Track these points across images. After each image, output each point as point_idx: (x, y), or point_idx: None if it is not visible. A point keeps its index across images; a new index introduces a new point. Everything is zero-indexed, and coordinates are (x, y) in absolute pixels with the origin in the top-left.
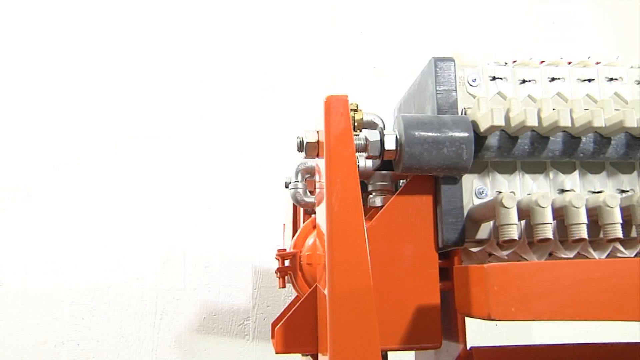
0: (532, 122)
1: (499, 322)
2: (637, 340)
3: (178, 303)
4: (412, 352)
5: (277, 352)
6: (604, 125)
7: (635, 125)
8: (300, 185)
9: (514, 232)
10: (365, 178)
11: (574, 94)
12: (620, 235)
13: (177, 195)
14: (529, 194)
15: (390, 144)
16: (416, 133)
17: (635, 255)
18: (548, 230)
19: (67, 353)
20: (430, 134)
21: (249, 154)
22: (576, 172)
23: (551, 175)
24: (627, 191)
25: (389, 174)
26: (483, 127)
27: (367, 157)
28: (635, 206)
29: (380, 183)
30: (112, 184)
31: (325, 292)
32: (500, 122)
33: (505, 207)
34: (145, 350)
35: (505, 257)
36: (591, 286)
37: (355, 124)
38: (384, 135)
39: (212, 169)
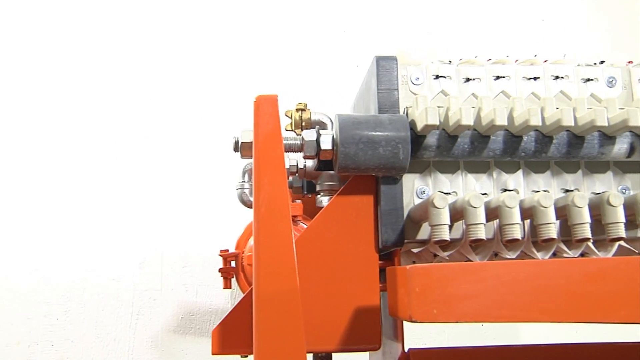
0: (468, 121)
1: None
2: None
3: (155, 303)
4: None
5: (213, 354)
6: (541, 124)
7: (573, 124)
8: (246, 185)
9: (445, 233)
10: (313, 178)
11: (519, 92)
12: (554, 235)
13: (155, 195)
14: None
15: (326, 144)
16: (351, 132)
17: (580, 256)
18: (481, 231)
19: (41, 353)
20: (365, 133)
21: (228, 154)
22: (520, 172)
23: (494, 174)
24: (572, 190)
25: (337, 173)
26: (419, 126)
27: (304, 157)
28: (571, 206)
29: (327, 183)
30: (88, 184)
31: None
32: (435, 121)
33: (437, 208)
34: (121, 351)
35: (447, 258)
36: (517, 287)
37: (303, 123)
38: (320, 135)
39: (190, 168)
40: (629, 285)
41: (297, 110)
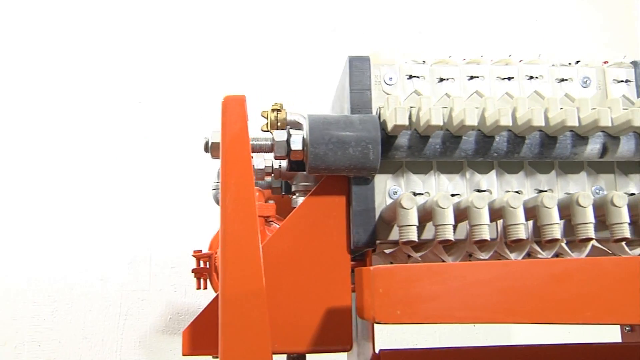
0: (438, 121)
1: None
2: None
3: (143, 303)
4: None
5: (183, 354)
6: (511, 124)
7: (544, 124)
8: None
9: (412, 234)
10: (289, 178)
11: (493, 92)
12: (523, 236)
13: (144, 195)
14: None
15: (296, 144)
16: (321, 133)
17: (554, 256)
18: (449, 232)
19: (27, 354)
20: (335, 133)
21: None
22: (493, 172)
23: (467, 175)
24: (545, 191)
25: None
26: (389, 126)
27: (275, 158)
28: (540, 207)
29: (303, 184)
30: (77, 184)
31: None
32: (403, 121)
33: (404, 209)
34: (109, 351)
35: (419, 259)
36: (482, 288)
37: (279, 123)
38: (291, 135)
39: (179, 169)
40: (595, 286)
41: (273, 110)
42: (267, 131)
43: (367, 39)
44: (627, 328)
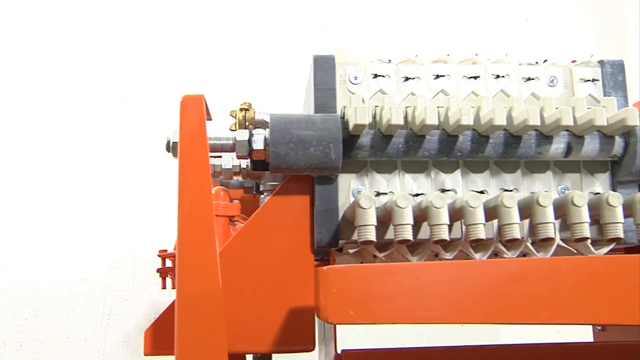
0: (398, 120)
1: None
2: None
3: (127, 303)
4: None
5: (145, 354)
6: (472, 123)
7: (506, 123)
8: None
9: (370, 234)
10: (257, 178)
11: (459, 91)
12: (482, 236)
13: (128, 194)
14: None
15: (258, 144)
16: (282, 132)
17: (522, 256)
18: (408, 232)
19: (9, 354)
20: (296, 132)
21: None
22: (458, 172)
23: (432, 174)
24: (511, 190)
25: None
26: (351, 125)
27: (237, 157)
28: (500, 207)
29: (270, 183)
30: (60, 183)
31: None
32: (364, 120)
33: (362, 208)
34: (92, 351)
35: (384, 259)
36: (437, 289)
37: (247, 123)
38: (253, 134)
39: (164, 168)
40: (551, 287)
41: (241, 109)
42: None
43: (355, 39)
44: (598, 328)
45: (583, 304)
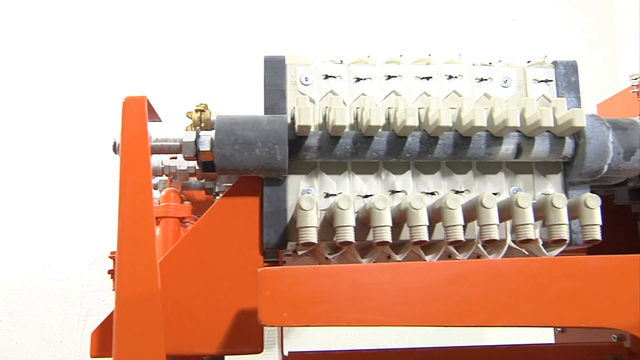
0: (342, 121)
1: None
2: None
3: (104, 304)
4: None
5: (91, 356)
6: (418, 124)
7: (451, 124)
8: None
9: (311, 235)
10: (212, 179)
11: (411, 91)
12: (425, 237)
13: (105, 196)
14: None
15: (204, 145)
16: (227, 133)
17: (476, 257)
18: (349, 233)
19: None
20: (241, 134)
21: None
22: (408, 173)
23: (382, 175)
24: (462, 192)
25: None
26: (296, 127)
27: (185, 159)
28: (444, 208)
29: (225, 184)
30: (36, 185)
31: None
32: (307, 122)
33: (303, 210)
34: (69, 352)
35: (334, 261)
36: (373, 291)
37: (202, 124)
38: (200, 136)
39: None
40: (490, 289)
41: (197, 111)
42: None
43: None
44: (558, 329)
45: (522, 306)
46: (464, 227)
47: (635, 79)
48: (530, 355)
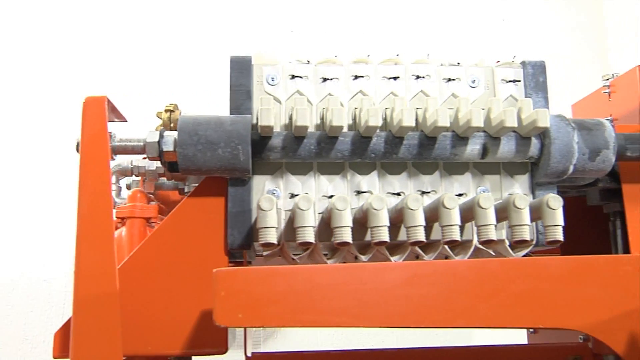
0: (304, 122)
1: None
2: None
3: None
4: None
5: (54, 357)
6: (380, 124)
7: (414, 124)
8: (113, 187)
9: (271, 236)
10: (182, 180)
11: (378, 91)
12: (386, 238)
13: None
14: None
15: (168, 146)
16: (190, 134)
17: (444, 258)
18: (309, 234)
19: None
20: (204, 134)
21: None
22: (374, 173)
23: (348, 176)
24: (429, 192)
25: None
26: (259, 127)
27: (149, 159)
28: (405, 209)
29: (194, 185)
30: (19, 184)
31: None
32: (269, 122)
33: (263, 210)
34: (51, 352)
35: (299, 261)
36: (329, 292)
37: (172, 124)
38: (163, 136)
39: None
40: (446, 290)
41: (166, 111)
42: None
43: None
44: (531, 330)
45: (479, 307)
46: (430, 227)
47: (607, 79)
48: (495, 356)
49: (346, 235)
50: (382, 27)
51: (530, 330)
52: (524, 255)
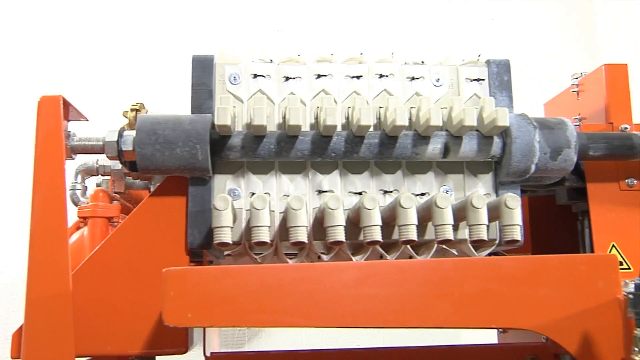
0: (260, 120)
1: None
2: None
3: None
4: None
5: (12, 357)
6: (336, 123)
7: (372, 123)
8: (78, 186)
9: (225, 235)
10: (148, 179)
11: (341, 90)
12: (342, 238)
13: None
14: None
15: (127, 145)
16: (148, 133)
17: (409, 257)
18: (264, 233)
19: None
20: (162, 133)
21: None
22: (336, 172)
23: (310, 175)
24: (391, 192)
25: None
26: (216, 126)
27: (109, 159)
28: (361, 208)
29: (159, 184)
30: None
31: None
32: (225, 121)
33: (217, 210)
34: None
35: (259, 260)
36: (280, 291)
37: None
38: (122, 136)
39: None
40: (399, 289)
41: (132, 110)
42: None
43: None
44: (500, 330)
45: (432, 307)
46: (393, 227)
47: (576, 78)
48: (456, 355)
49: (301, 235)
50: (371, 27)
51: (500, 330)
52: (489, 255)
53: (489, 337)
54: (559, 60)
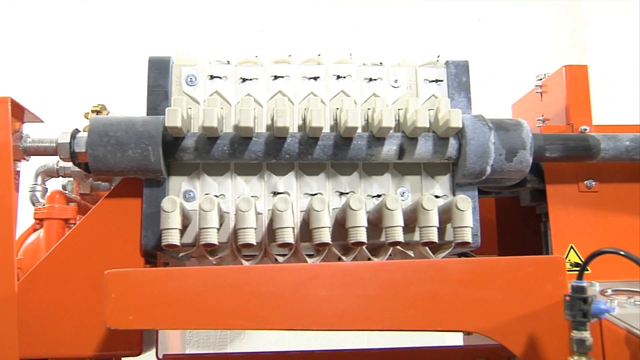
0: (211, 122)
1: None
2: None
3: None
4: None
5: None
6: (287, 125)
7: (323, 125)
8: (38, 187)
9: (173, 237)
10: (108, 180)
11: (298, 92)
12: (291, 240)
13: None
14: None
15: (79, 146)
16: (100, 135)
17: (367, 259)
18: (212, 235)
19: None
20: (114, 135)
21: None
22: (291, 174)
23: (265, 177)
24: (347, 193)
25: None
26: (167, 128)
27: (62, 160)
28: (311, 210)
29: None
30: None
31: None
32: (175, 123)
33: (165, 212)
34: None
35: (214, 262)
36: (223, 293)
37: None
38: (75, 137)
39: None
40: (342, 293)
41: (93, 111)
42: None
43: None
44: (465, 333)
45: (377, 310)
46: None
47: (540, 79)
48: (410, 357)
49: (249, 237)
50: (357, 27)
51: (465, 333)
52: (458, 256)
53: (455, 339)
54: (546, 59)
